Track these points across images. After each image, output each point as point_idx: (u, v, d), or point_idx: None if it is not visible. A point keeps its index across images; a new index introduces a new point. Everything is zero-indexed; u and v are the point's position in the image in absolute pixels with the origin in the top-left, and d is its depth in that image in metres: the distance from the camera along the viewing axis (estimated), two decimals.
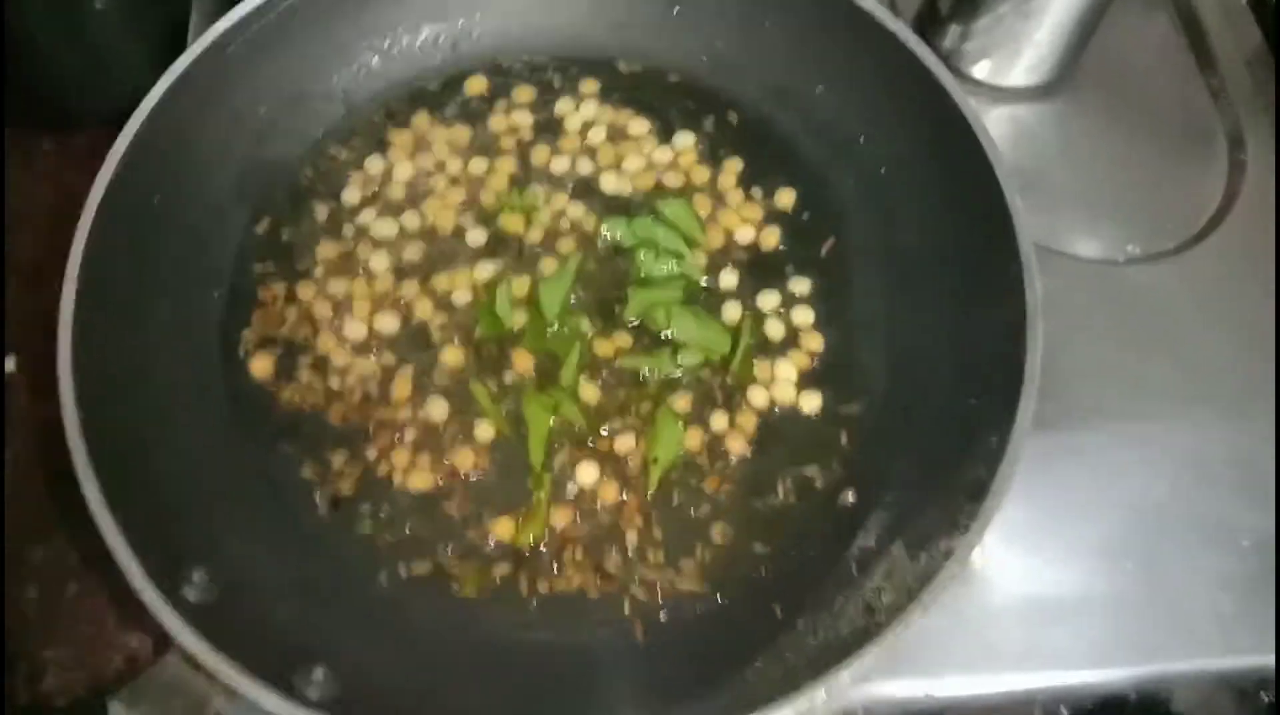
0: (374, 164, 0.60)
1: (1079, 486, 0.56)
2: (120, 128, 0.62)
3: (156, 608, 0.42)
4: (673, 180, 0.60)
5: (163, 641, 0.52)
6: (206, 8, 0.66)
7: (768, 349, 0.56)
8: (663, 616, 0.49)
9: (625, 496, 0.51)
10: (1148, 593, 0.53)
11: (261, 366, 0.54)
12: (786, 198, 0.59)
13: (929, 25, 0.69)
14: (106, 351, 0.49)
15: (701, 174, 0.60)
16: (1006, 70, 0.68)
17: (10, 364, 0.62)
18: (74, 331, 0.47)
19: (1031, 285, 0.49)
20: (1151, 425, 0.57)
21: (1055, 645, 0.52)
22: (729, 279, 0.57)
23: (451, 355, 0.55)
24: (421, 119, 0.61)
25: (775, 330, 0.56)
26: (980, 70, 0.68)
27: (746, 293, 0.57)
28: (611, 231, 0.58)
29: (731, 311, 0.56)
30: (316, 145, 0.60)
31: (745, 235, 0.58)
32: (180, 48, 0.64)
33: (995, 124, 0.68)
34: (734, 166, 0.60)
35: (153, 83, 0.65)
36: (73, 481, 0.56)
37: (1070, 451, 0.56)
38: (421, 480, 0.52)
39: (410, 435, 0.53)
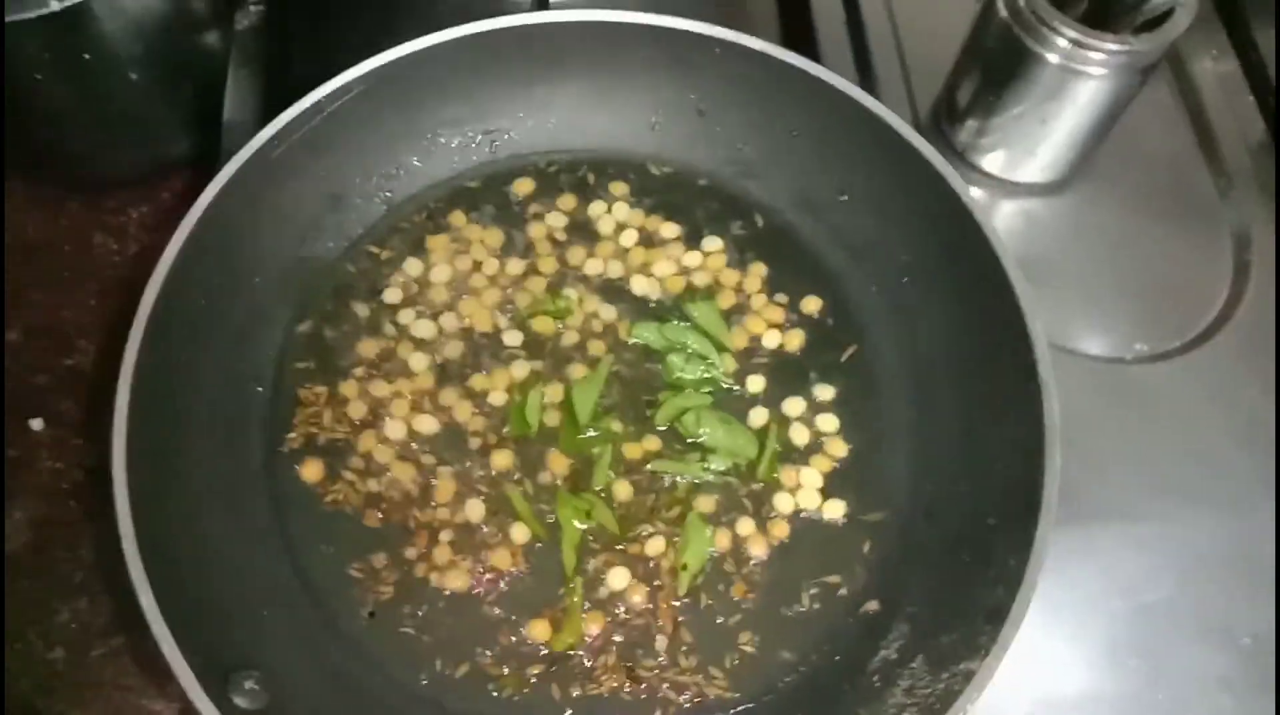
0: (413, 265, 0.62)
1: (1085, 583, 0.58)
2: (147, 188, 0.66)
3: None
4: (701, 280, 0.62)
5: (188, 708, 0.54)
6: (242, 80, 0.68)
7: (792, 454, 0.58)
8: None
9: (656, 601, 0.53)
10: (1151, 692, 0.55)
11: (311, 471, 0.56)
12: (813, 304, 0.61)
13: (945, 118, 0.71)
14: (154, 454, 0.50)
15: (730, 277, 0.62)
16: (1020, 167, 0.70)
17: (37, 425, 0.63)
18: (127, 435, 0.49)
19: (1050, 408, 0.51)
20: (1156, 524, 0.59)
21: None
22: (755, 384, 0.59)
23: (488, 457, 0.57)
24: (459, 218, 0.63)
25: (800, 436, 0.58)
26: (993, 164, 0.70)
27: (772, 398, 0.59)
28: (642, 335, 0.60)
29: (758, 416, 0.58)
30: (357, 244, 0.62)
31: (771, 339, 0.60)
32: (210, 115, 0.66)
33: (1007, 217, 0.70)
34: (759, 271, 0.62)
35: (182, 148, 0.68)
36: (98, 546, 0.58)
37: (1076, 549, 0.58)
38: (460, 581, 0.54)
39: (448, 536, 0.55)
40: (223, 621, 0.49)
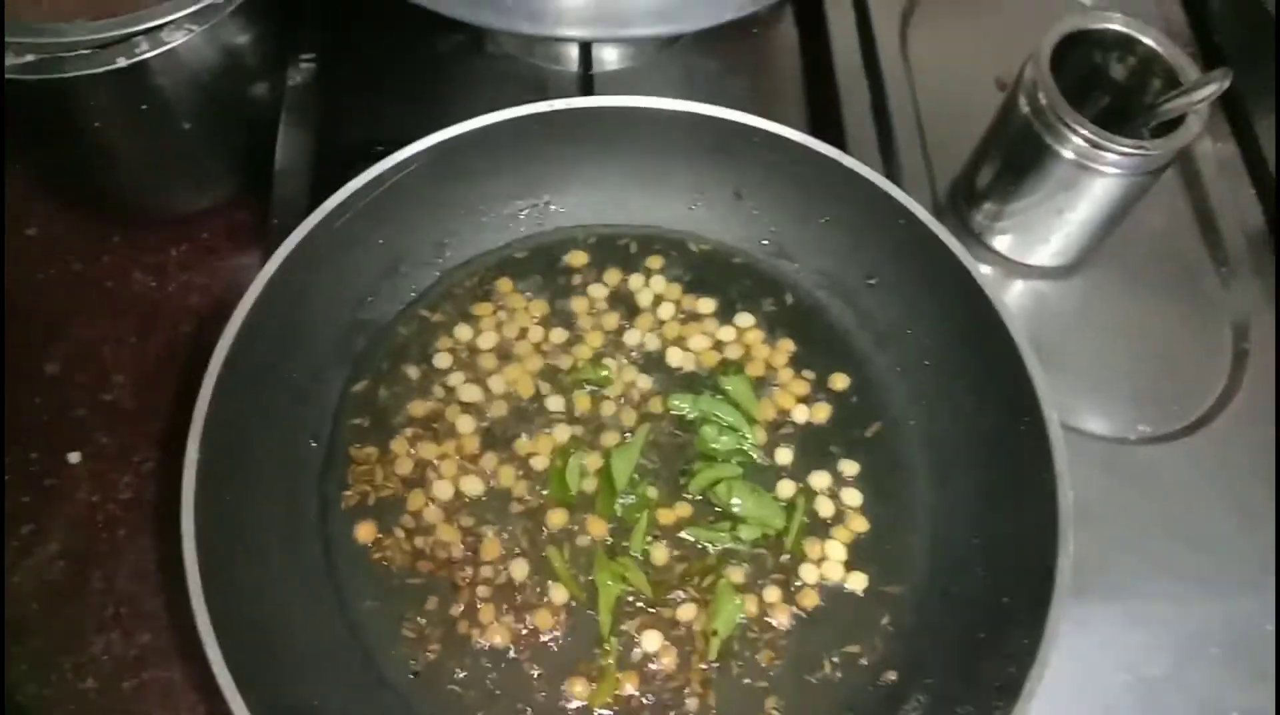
0: (462, 330, 0.65)
1: (1085, 656, 0.61)
2: (186, 227, 0.69)
3: None
4: (734, 354, 0.65)
5: None
6: (293, 133, 0.70)
7: (817, 527, 0.61)
8: None
9: (688, 664, 0.56)
10: None
11: (365, 531, 0.59)
12: (840, 381, 0.64)
13: (964, 198, 0.75)
14: (218, 504, 0.52)
15: (761, 351, 0.65)
16: (1032, 251, 0.73)
17: (74, 457, 0.65)
18: (196, 493, 0.51)
19: (1064, 497, 0.53)
20: (1156, 601, 0.62)
21: None
22: (783, 456, 0.62)
23: (529, 519, 0.60)
24: (505, 285, 0.66)
25: (825, 508, 0.61)
26: (1006, 246, 0.73)
27: (799, 470, 0.62)
28: (678, 406, 0.63)
29: (785, 488, 0.61)
30: (411, 307, 0.65)
31: (799, 414, 0.64)
32: (255, 162, 0.69)
33: (1017, 297, 0.73)
34: (787, 346, 0.65)
35: (226, 191, 0.72)
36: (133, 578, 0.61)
37: (1077, 623, 0.60)
38: (502, 637, 0.56)
39: (490, 593, 0.57)
40: (280, 669, 0.51)
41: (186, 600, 0.57)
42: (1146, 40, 0.65)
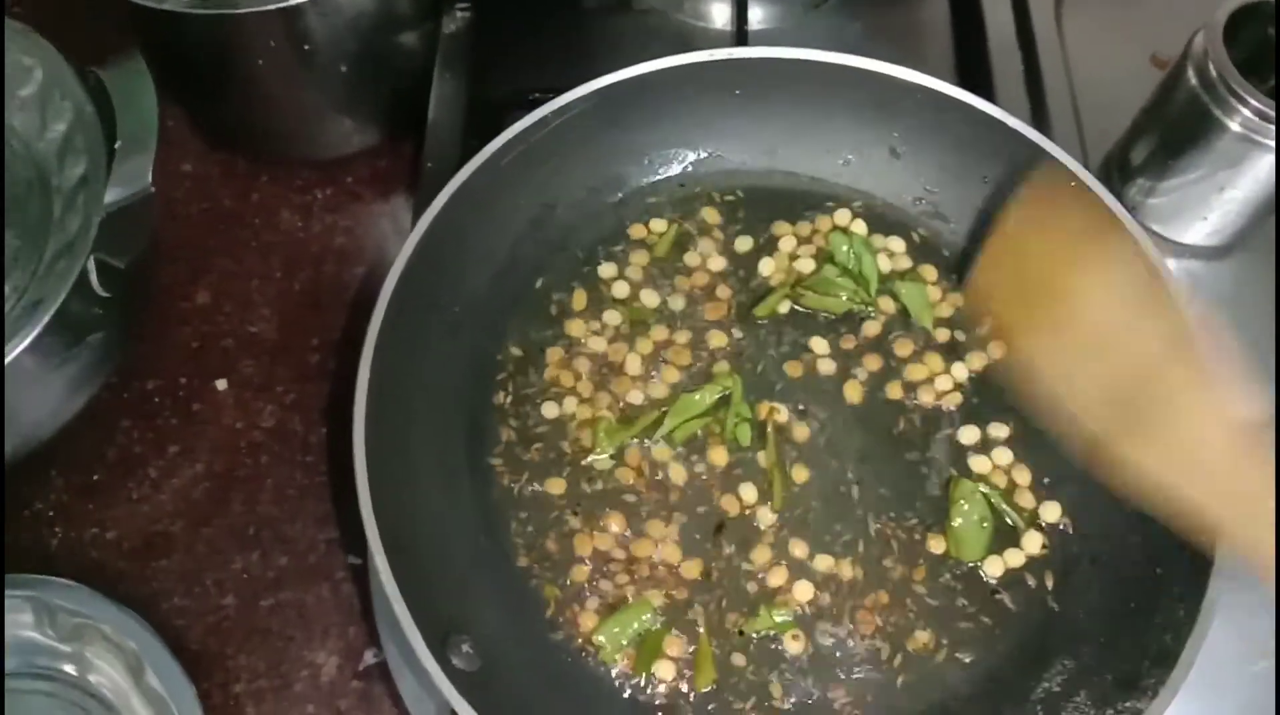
0: (607, 269, 0.66)
1: (1223, 644, 0.58)
2: (331, 170, 0.71)
3: (438, 678, 0.47)
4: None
5: (348, 659, 0.59)
6: (446, 83, 0.72)
7: None
8: None
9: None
10: None
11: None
12: (997, 349, 0.63)
13: (1117, 172, 0.73)
14: (381, 431, 0.54)
15: None
16: (1188, 229, 0.71)
17: (221, 385, 0.68)
18: (367, 414, 0.53)
19: None
20: None
21: None
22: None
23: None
24: (659, 225, 0.67)
25: (979, 466, 0.61)
26: (1161, 223, 0.72)
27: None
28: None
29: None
30: (565, 249, 0.66)
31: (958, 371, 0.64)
32: (403, 110, 0.71)
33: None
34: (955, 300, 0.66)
35: (374, 136, 0.74)
36: (275, 501, 0.63)
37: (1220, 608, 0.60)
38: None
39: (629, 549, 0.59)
40: (438, 590, 0.53)
41: (326, 525, 0.60)
42: None
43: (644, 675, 0.55)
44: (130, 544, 0.63)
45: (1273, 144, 0.63)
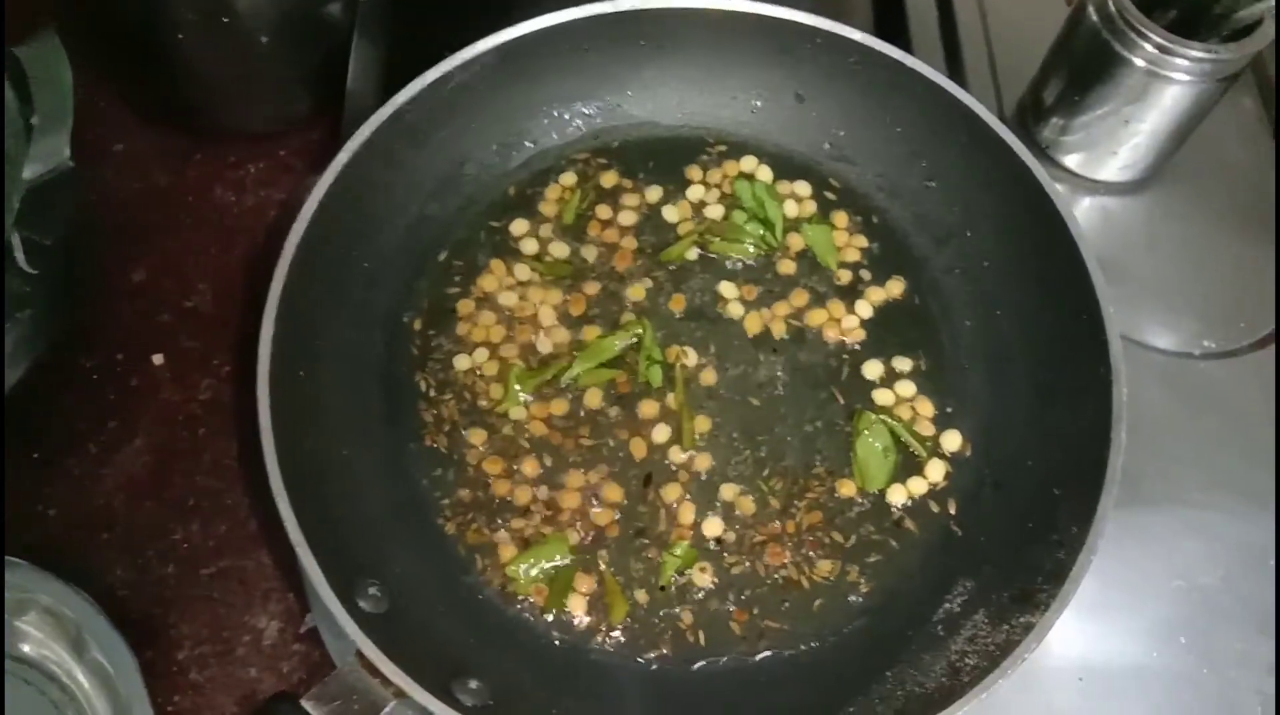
0: (519, 226, 0.67)
1: (1139, 564, 0.61)
2: (265, 144, 0.71)
3: (341, 618, 0.48)
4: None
5: (289, 623, 0.59)
6: (365, 52, 0.72)
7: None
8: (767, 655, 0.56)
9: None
10: (1198, 670, 0.58)
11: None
12: (896, 287, 0.65)
13: (1031, 114, 0.74)
14: (290, 381, 0.55)
15: None
16: (1100, 166, 0.72)
17: (158, 359, 0.68)
18: (271, 363, 0.54)
19: (1119, 390, 0.54)
20: (1211, 513, 0.62)
21: (1106, 710, 0.57)
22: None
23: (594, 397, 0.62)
24: (569, 179, 0.68)
25: (882, 398, 0.62)
26: (1074, 162, 0.73)
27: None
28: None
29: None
30: (472, 205, 0.67)
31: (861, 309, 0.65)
32: (330, 80, 0.71)
33: (1084, 213, 0.73)
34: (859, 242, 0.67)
35: (302, 107, 0.73)
36: (212, 473, 0.63)
37: (1132, 531, 0.61)
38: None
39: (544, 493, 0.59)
40: (346, 534, 0.54)
41: (262, 494, 0.60)
42: None
43: (557, 612, 0.56)
44: (73, 519, 0.63)
45: (1174, 77, 0.64)
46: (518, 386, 0.61)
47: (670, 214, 0.66)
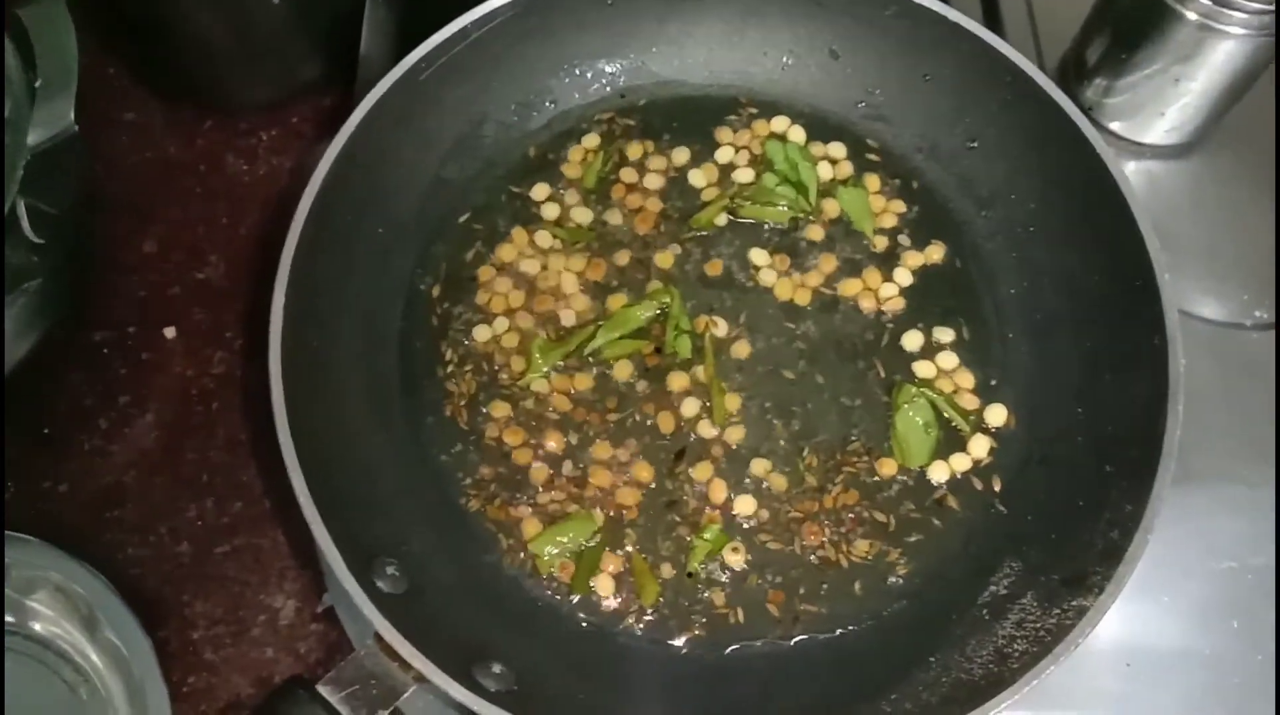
0: (539, 189, 0.64)
1: (1186, 543, 0.58)
2: (276, 113, 0.69)
3: (358, 599, 0.47)
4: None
5: (306, 602, 0.58)
6: (379, 15, 0.70)
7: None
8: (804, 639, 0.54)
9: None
10: (1250, 652, 0.56)
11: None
12: (936, 252, 0.62)
13: (1073, 74, 0.71)
14: (303, 353, 0.53)
15: None
16: (1147, 129, 0.69)
17: (170, 332, 0.66)
18: (283, 335, 0.52)
19: (1175, 360, 0.51)
20: (1265, 491, 0.59)
21: (1154, 695, 0.55)
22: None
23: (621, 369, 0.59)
24: (592, 141, 0.65)
25: (924, 371, 0.59)
26: (1119, 124, 0.70)
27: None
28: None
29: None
30: (491, 169, 0.64)
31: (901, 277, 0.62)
32: (341, 46, 0.69)
33: (1130, 177, 0.69)
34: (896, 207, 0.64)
35: (313, 74, 0.71)
36: (226, 448, 0.62)
37: (1180, 508, 0.57)
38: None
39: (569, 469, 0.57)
40: (364, 514, 0.52)
41: (277, 470, 0.59)
42: None
43: (583, 594, 0.54)
44: (83, 496, 0.62)
45: (1228, 31, 0.61)
46: (539, 358, 0.58)
47: (697, 178, 0.64)
